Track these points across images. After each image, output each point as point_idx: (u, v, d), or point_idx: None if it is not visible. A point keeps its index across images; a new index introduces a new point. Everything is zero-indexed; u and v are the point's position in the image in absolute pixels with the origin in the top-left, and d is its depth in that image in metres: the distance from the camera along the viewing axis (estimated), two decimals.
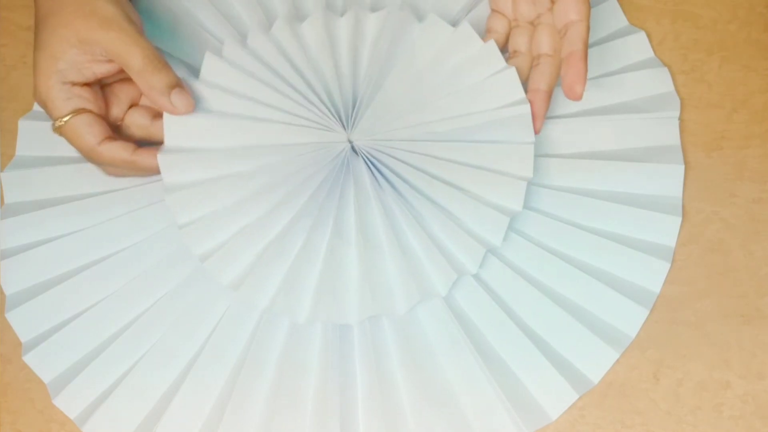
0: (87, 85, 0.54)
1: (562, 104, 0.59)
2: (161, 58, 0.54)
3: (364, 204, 0.56)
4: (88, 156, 0.55)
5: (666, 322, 0.56)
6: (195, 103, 0.55)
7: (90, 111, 0.54)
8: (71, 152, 0.55)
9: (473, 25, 0.60)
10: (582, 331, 0.55)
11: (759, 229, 0.57)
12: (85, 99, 0.54)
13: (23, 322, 0.59)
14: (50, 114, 0.54)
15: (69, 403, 0.57)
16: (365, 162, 0.57)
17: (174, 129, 0.55)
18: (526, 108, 0.56)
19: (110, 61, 0.53)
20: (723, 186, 0.58)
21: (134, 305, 0.58)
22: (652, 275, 0.56)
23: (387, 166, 0.57)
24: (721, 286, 0.56)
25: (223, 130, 0.56)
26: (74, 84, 0.53)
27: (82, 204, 0.60)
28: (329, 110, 0.57)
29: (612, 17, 0.60)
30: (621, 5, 0.61)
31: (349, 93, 0.59)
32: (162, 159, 0.55)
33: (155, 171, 0.55)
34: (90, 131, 0.53)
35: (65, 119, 0.53)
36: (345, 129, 0.57)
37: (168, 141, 0.55)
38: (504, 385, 0.54)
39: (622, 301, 0.56)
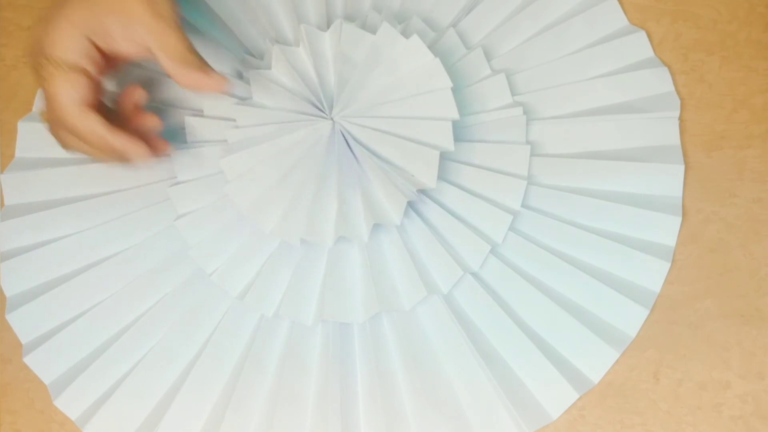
0: (102, 55, 0.51)
1: (562, 104, 0.59)
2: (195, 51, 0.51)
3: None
4: (61, 115, 0.49)
5: (666, 322, 0.56)
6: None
7: (92, 76, 0.50)
8: (71, 154, 0.55)
9: (470, 27, 0.61)
10: (582, 330, 0.55)
11: (759, 229, 0.57)
12: (94, 65, 0.50)
13: (24, 324, 0.59)
14: (49, 51, 0.48)
15: (70, 404, 0.57)
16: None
17: (184, 164, 0.58)
18: (518, 110, 0.57)
19: (137, 46, 0.50)
20: (723, 186, 0.58)
21: (135, 306, 0.58)
22: (652, 275, 0.56)
23: None
24: (721, 286, 0.56)
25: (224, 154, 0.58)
26: (93, 45, 0.49)
27: (82, 206, 0.60)
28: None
29: (612, 17, 0.60)
30: (621, 5, 0.60)
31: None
32: (174, 191, 0.58)
33: (120, 157, 0.52)
34: (79, 91, 0.49)
35: (63, 65, 0.48)
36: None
37: (180, 176, 0.58)
38: (504, 384, 0.55)
39: (622, 301, 0.56)
